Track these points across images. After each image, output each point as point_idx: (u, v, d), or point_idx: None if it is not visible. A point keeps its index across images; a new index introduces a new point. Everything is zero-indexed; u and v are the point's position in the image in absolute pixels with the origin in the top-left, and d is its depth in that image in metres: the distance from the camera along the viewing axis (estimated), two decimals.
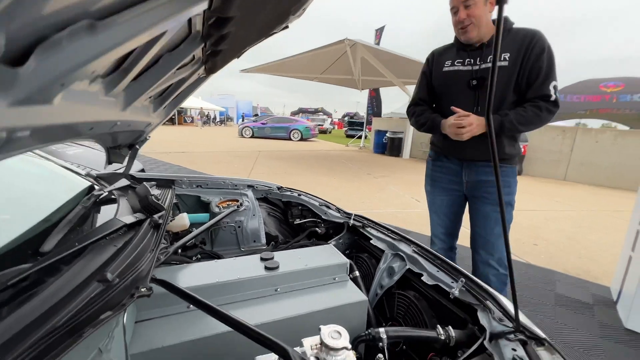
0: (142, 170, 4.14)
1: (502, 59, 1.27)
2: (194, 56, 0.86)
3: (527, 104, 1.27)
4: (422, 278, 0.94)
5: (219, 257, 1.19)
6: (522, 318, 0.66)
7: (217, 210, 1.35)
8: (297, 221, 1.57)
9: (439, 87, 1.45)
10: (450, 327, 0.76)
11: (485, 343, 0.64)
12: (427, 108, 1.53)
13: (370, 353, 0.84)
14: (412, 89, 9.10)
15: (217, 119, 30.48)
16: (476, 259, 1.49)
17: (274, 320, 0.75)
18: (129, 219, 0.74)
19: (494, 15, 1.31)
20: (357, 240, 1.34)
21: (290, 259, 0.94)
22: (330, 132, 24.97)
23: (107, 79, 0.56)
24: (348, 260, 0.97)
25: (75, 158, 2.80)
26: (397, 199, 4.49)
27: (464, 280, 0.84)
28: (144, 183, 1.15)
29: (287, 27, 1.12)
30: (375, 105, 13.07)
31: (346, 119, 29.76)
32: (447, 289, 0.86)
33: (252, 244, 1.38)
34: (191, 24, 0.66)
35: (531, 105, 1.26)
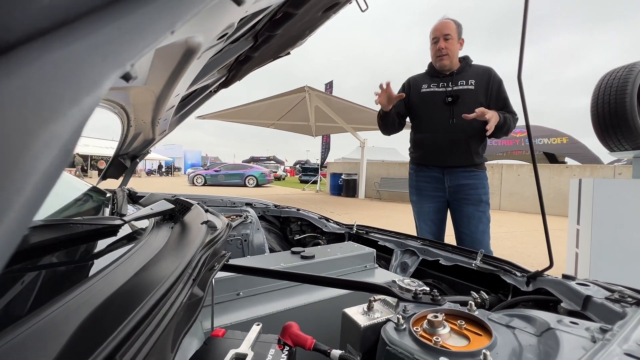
0: None
1: (469, 83, 1.58)
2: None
3: (506, 114, 1.55)
4: (439, 262, 1.02)
5: None
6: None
7: None
8: (297, 237, 1.57)
9: (416, 105, 1.68)
10: (482, 291, 0.84)
11: (524, 289, 0.73)
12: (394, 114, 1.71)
13: None
14: (362, 134, 9.84)
15: (163, 169, 28.88)
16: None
17: (325, 299, 0.76)
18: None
19: (462, 53, 1.68)
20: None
21: (321, 252, 0.96)
22: (284, 179, 25.22)
23: None
24: (373, 250, 1.02)
25: None
26: (401, 224, 4.63)
27: (482, 252, 0.94)
28: (152, 193, 1.10)
29: (289, 53, 1.28)
30: (325, 150, 13.82)
31: (298, 166, 30.56)
32: (466, 265, 0.95)
33: None
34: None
35: (509, 115, 1.56)
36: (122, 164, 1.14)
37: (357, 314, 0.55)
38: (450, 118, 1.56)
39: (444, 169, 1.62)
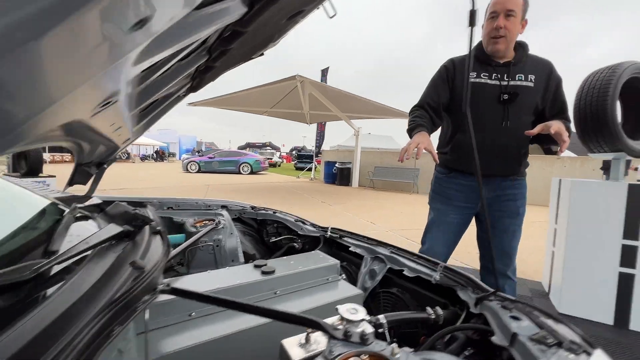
0: None
1: (528, 79, 1.31)
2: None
3: (564, 120, 1.31)
4: (403, 272, 1.03)
5: None
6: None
7: (193, 230, 1.31)
8: (273, 239, 1.58)
9: (462, 97, 1.36)
10: (437, 307, 0.86)
11: (472, 309, 0.75)
12: (427, 115, 1.42)
13: None
14: (357, 122, 9.80)
15: (153, 154, 28.62)
16: (489, 272, 1.48)
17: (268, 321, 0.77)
18: (127, 227, 0.72)
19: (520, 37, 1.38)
20: (334, 252, 1.40)
21: (284, 265, 0.97)
22: (279, 166, 25.16)
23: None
24: (337, 261, 1.03)
25: None
26: (353, 223, 4.66)
27: (442, 266, 0.96)
28: (117, 202, 1.09)
29: (262, 54, 1.24)
30: (320, 138, 13.74)
31: (294, 152, 30.45)
32: (427, 277, 0.96)
33: (231, 263, 1.34)
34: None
35: (567, 122, 1.31)
36: (87, 171, 1.12)
37: (293, 346, 0.55)
38: (503, 119, 1.31)
39: (482, 178, 1.40)
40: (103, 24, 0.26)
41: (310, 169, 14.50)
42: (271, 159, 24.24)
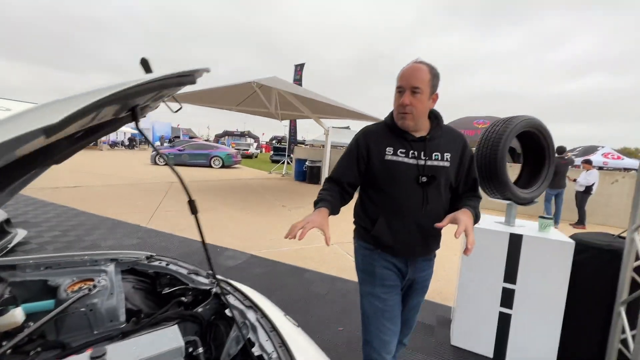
0: (7, 220, 3.54)
1: (444, 158, 1.25)
2: None
3: (472, 197, 1.30)
4: (252, 349, 1.11)
5: (64, 346, 1.18)
6: None
7: (64, 295, 1.32)
8: (166, 290, 1.62)
9: (378, 174, 1.27)
10: None
11: None
12: (337, 189, 1.34)
13: None
14: (326, 122, 9.79)
15: (126, 142, 27.47)
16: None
17: None
18: None
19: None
20: (222, 304, 1.46)
21: (124, 352, 1.01)
22: (256, 157, 24.82)
23: None
24: (182, 344, 1.09)
25: None
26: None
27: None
28: None
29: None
30: (293, 135, 13.69)
31: (274, 142, 30.08)
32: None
33: (109, 324, 1.37)
34: None
35: (475, 199, 1.29)
36: None
37: None
38: (423, 203, 1.23)
39: (409, 260, 1.31)
40: None
41: (284, 163, 14.46)
42: (247, 150, 23.85)
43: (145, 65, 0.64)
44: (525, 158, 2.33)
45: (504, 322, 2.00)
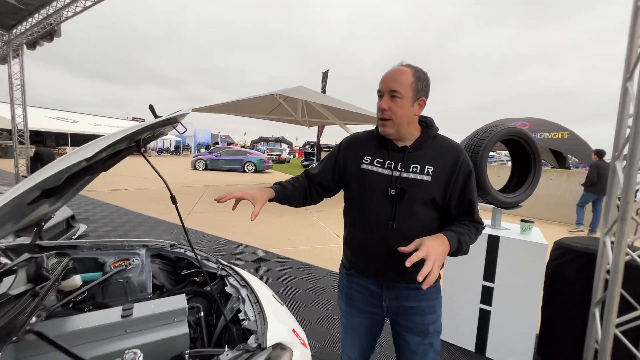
0: (73, 217, 4.29)
1: (425, 172, 1.09)
2: None
3: (468, 223, 1.10)
4: (239, 315, 1.44)
5: (107, 306, 1.60)
6: None
7: (108, 269, 1.76)
8: (184, 272, 2.02)
9: (352, 183, 1.20)
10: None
11: None
12: (305, 184, 1.29)
13: None
14: (352, 128, 10.08)
15: (172, 149, 29.82)
16: None
17: (113, 351, 1.19)
18: (16, 290, 1.17)
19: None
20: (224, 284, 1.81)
21: (146, 308, 1.39)
22: (288, 162, 25.67)
23: None
24: (186, 306, 1.44)
25: None
26: (321, 235, 5.06)
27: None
28: (43, 255, 1.54)
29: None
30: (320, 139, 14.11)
31: (307, 147, 30.86)
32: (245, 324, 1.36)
33: (140, 294, 1.79)
34: None
35: (471, 226, 1.10)
36: (29, 230, 1.58)
37: None
38: (390, 219, 1.09)
39: (382, 283, 1.18)
40: None
41: None
42: (280, 155, 24.78)
43: (152, 110, 1.00)
44: (514, 165, 2.43)
45: (484, 318, 2.13)
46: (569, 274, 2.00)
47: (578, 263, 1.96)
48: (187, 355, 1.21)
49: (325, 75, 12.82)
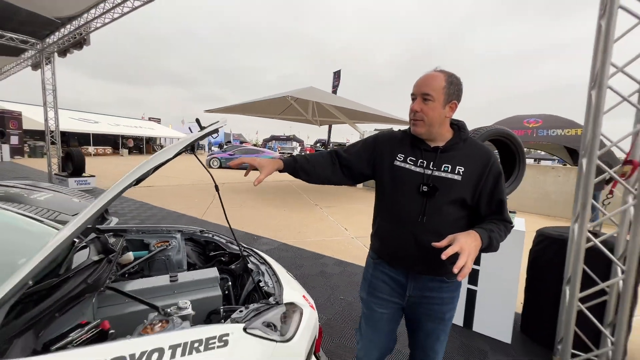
0: (106, 210, 4.77)
1: (456, 171, 1.15)
2: None
3: (498, 222, 1.15)
4: (260, 284, 1.79)
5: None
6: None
7: (153, 249, 2.15)
8: (212, 253, 2.39)
9: (385, 180, 1.27)
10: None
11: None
12: (328, 161, 1.34)
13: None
14: (361, 126, 10.34)
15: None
16: None
17: (166, 304, 1.57)
18: (96, 257, 1.55)
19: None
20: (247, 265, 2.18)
21: (187, 276, 1.76)
22: None
23: None
24: (218, 275, 1.81)
25: (47, 204, 3.47)
26: (330, 228, 5.41)
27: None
28: (105, 235, 1.94)
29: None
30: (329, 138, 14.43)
31: (318, 145, 31.32)
32: (265, 288, 1.71)
33: (177, 269, 2.18)
34: None
35: (501, 224, 1.15)
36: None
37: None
38: (421, 214, 1.17)
39: (409, 274, 1.26)
40: None
41: None
42: (291, 153, 25.25)
43: (198, 122, 1.36)
44: (500, 162, 2.69)
45: (471, 297, 2.43)
46: (547, 258, 2.27)
47: (553, 248, 2.23)
48: (222, 309, 1.57)
49: (337, 74, 13.11)
